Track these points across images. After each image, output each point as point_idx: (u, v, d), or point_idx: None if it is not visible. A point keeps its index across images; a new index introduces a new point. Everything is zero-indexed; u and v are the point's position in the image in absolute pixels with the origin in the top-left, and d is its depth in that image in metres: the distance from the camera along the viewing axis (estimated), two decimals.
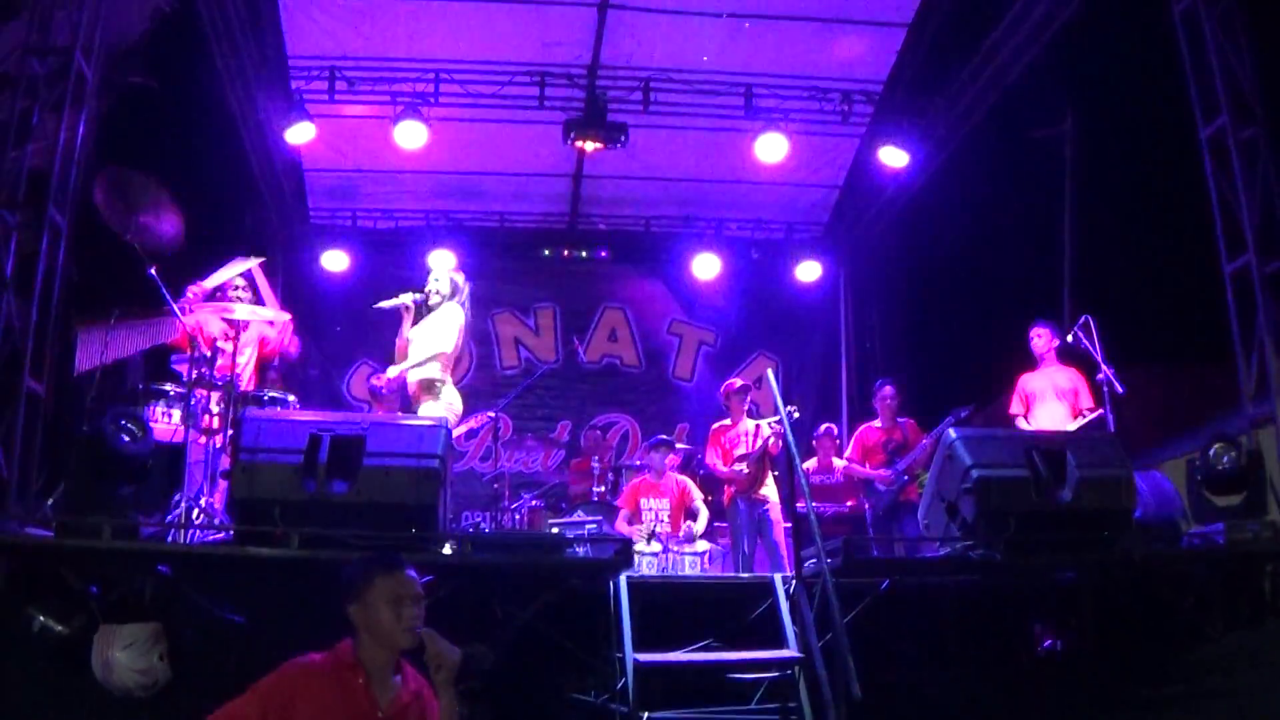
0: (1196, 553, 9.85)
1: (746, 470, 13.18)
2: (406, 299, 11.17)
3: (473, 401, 15.95)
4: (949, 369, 18.91)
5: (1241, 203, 11.18)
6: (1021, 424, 13.01)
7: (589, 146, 15.87)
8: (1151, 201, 18.13)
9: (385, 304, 11.30)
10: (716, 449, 13.58)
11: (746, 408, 13.86)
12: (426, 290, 11.33)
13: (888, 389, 14.52)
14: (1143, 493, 10.01)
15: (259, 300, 12.75)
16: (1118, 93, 17.99)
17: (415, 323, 11.22)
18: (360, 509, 8.51)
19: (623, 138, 15.77)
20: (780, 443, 13.05)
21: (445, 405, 10.76)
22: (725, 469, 13.35)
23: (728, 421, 13.82)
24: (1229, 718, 8.54)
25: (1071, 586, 9.49)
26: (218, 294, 11.57)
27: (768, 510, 13.13)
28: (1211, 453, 10.45)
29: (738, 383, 14.10)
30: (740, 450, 13.45)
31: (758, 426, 13.62)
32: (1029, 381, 13.27)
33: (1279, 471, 10.29)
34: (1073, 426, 12.54)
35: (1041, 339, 13.27)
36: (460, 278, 11.41)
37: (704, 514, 13.58)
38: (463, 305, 11.36)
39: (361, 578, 5.51)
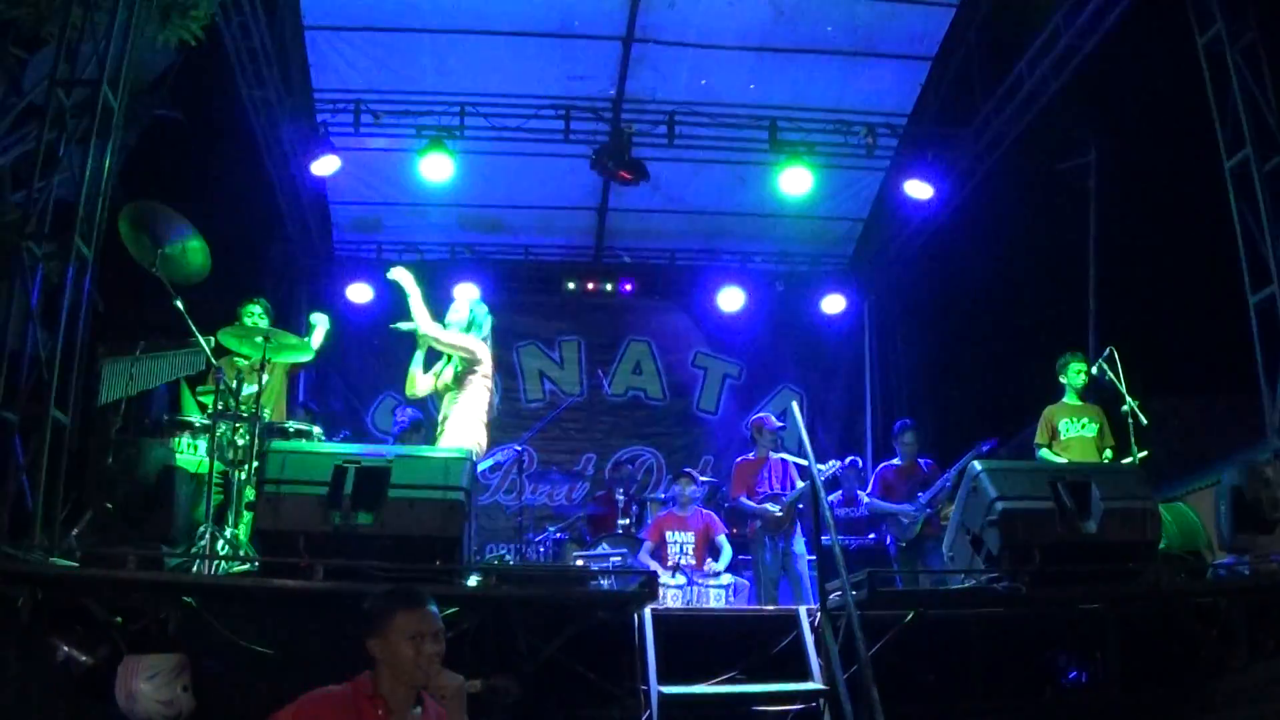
0: (1221, 584, 9.82)
1: (779, 513, 13.13)
2: (411, 286, 11.06)
3: (497, 434, 15.95)
4: (974, 401, 18.90)
5: (1266, 234, 11.18)
6: (1045, 454, 12.95)
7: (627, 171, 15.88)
8: (1176, 233, 18.12)
9: (400, 325, 11.25)
10: (742, 484, 13.53)
11: (775, 445, 13.80)
12: (445, 321, 11.22)
13: (908, 431, 14.46)
14: (1167, 524, 10.00)
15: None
16: (1142, 125, 17.99)
17: (430, 363, 11.15)
18: (385, 541, 8.51)
19: (645, 178, 15.81)
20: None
21: (460, 439, 10.55)
22: (753, 504, 13.31)
23: (753, 457, 13.78)
24: None
25: (1096, 618, 9.44)
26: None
27: (793, 543, 13.10)
28: (1236, 484, 10.41)
29: (774, 420, 14.02)
30: (765, 487, 13.42)
31: (784, 463, 13.58)
32: (1055, 414, 13.21)
33: None
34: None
35: (1079, 374, 13.20)
36: (482, 310, 11.29)
37: (727, 551, 13.54)
38: (484, 339, 11.23)
39: (383, 612, 5.50)
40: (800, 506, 13.17)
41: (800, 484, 13.06)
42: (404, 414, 14.55)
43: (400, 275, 11.29)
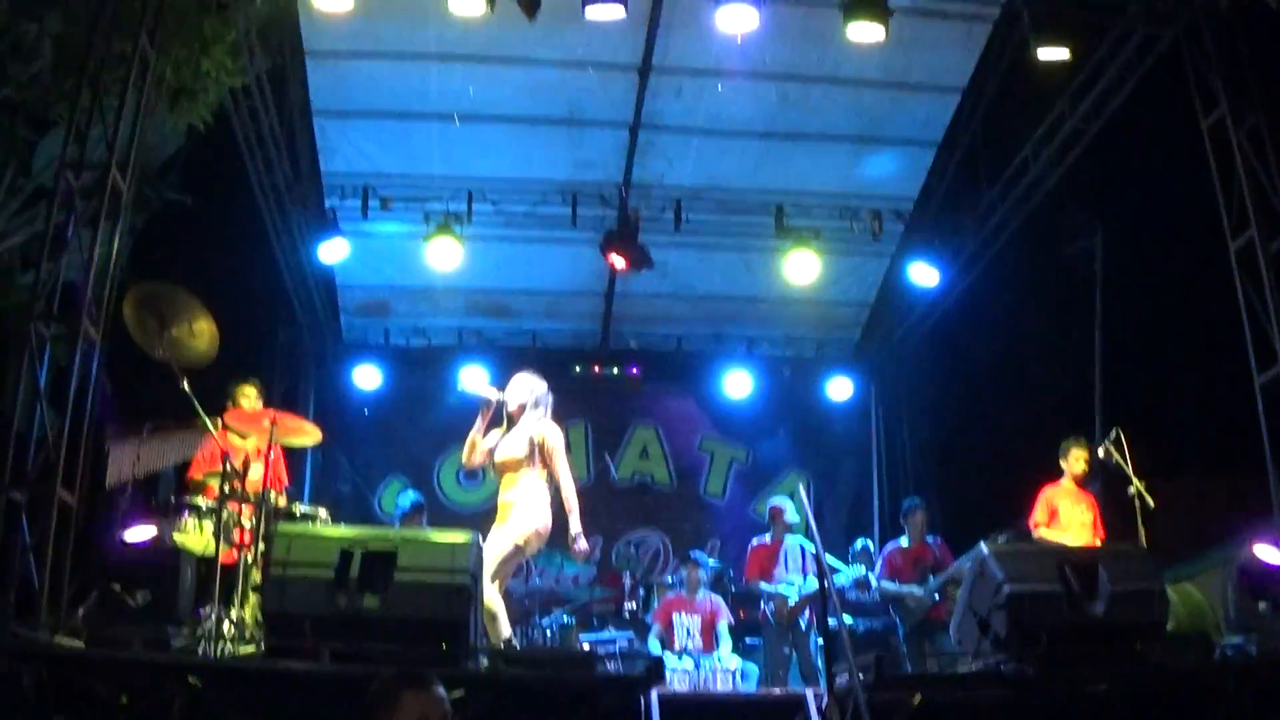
0: (1229, 664, 9.78)
1: (792, 602, 13.13)
2: (492, 393, 10.85)
3: None
4: (980, 484, 18.89)
5: (1271, 315, 11.20)
6: (1043, 533, 12.91)
7: (618, 265, 15.94)
8: (1182, 314, 18.18)
9: (469, 388, 11.09)
10: (758, 567, 13.53)
11: (788, 531, 13.81)
12: (509, 407, 10.80)
13: (917, 510, 14.44)
14: (1174, 605, 9.97)
15: None
16: (1147, 208, 18.09)
17: (488, 429, 10.97)
18: (391, 624, 8.48)
19: (649, 266, 15.89)
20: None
21: (521, 529, 10.40)
22: (770, 587, 13.30)
23: (769, 539, 13.80)
24: None
25: (1104, 699, 9.39)
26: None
27: (806, 628, 13.09)
28: (1247, 564, 10.40)
29: (791, 512, 14.01)
30: (780, 571, 13.45)
31: (801, 549, 13.60)
32: (1055, 496, 13.18)
33: None
34: None
35: (1080, 460, 13.19)
36: (542, 388, 11.02)
37: (728, 640, 13.52)
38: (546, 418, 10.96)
39: (390, 693, 5.46)
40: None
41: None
42: (405, 498, 14.54)
43: (472, 384, 11.14)
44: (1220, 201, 11.89)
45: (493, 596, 10.05)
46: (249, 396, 11.96)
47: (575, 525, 10.64)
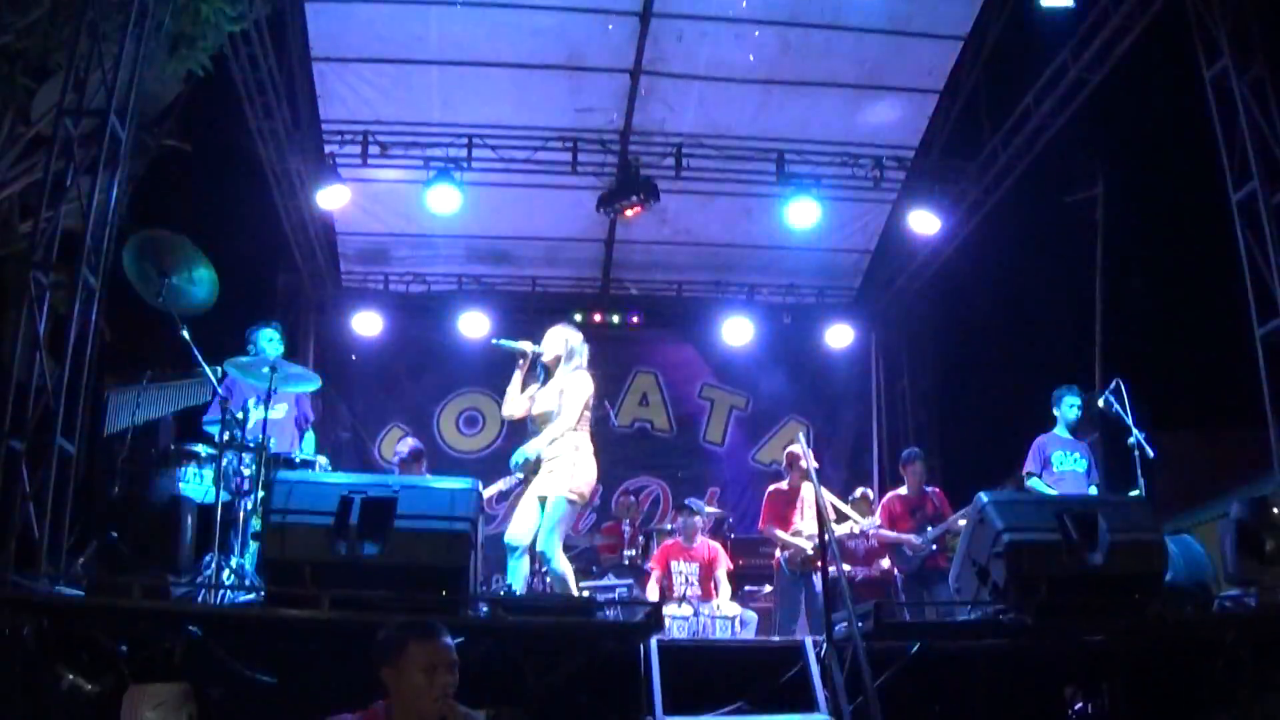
0: (1227, 616, 9.79)
1: (811, 551, 13.12)
2: (527, 346, 10.79)
3: (503, 465, 15.93)
4: (980, 433, 18.92)
5: (1272, 266, 11.16)
6: (1036, 484, 12.91)
7: (629, 213, 15.91)
8: (1183, 265, 18.16)
9: (506, 343, 11.00)
10: (774, 513, 13.49)
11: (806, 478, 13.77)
12: (543, 359, 10.72)
13: (916, 460, 14.43)
14: (1174, 556, 9.97)
15: None
16: (1149, 157, 18.04)
17: (526, 384, 10.89)
18: (391, 571, 8.47)
19: (656, 199, 15.84)
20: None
21: (568, 484, 10.19)
22: (785, 535, 13.29)
23: (785, 486, 13.77)
24: None
25: (1102, 650, 9.41)
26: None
27: (815, 577, 13.10)
28: (1241, 517, 10.40)
29: (812, 459, 13.97)
30: (798, 519, 13.43)
31: (819, 498, 13.62)
32: (1048, 444, 13.17)
33: None
34: None
35: (1073, 408, 13.18)
36: (577, 338, 10.96)
37: (726, 587, 13.53)
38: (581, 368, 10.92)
39: (397, 642, 5.49)
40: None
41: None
42: (404, 445, 14.51)
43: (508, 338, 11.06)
44: (1222, 152, 11.84)
45: (562, 560, 10.16)
46: (271, 340, 11.95)
47: None
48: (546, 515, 10.01)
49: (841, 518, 13.74)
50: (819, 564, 13.15)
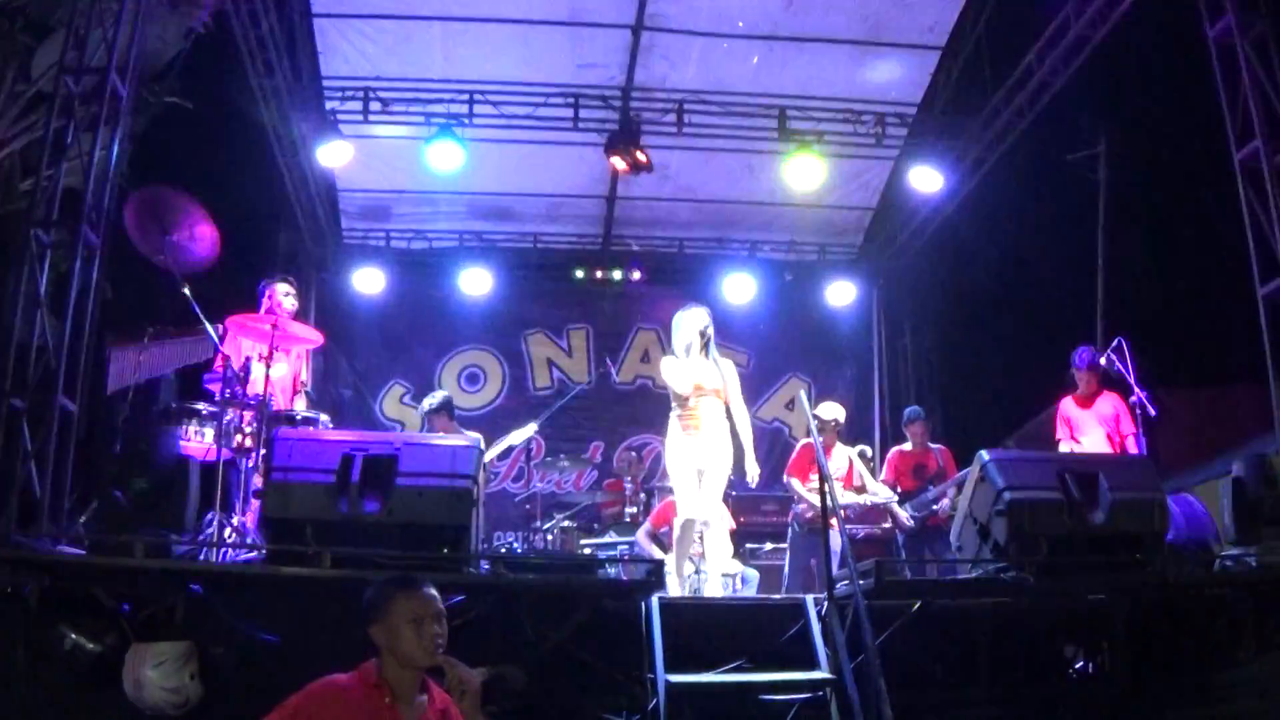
0: (1228, 575, 9.80)
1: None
2: None
3: (505, 422, 15.96)
4: (982, 390, 18.91)
5: (1275, 225, 11.12)
6: (1065, 448, 12.90)
7: (629, 162, 15.87)
8: (1185, 224, 18.13)
9: None
10: (799, 466, 13.46)
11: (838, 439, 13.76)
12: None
13: (918, 419, 14.43)
14: (1175, 515, 9.97)
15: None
16: (1151, 116, 18.00)
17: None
18: (392, 529, 8.49)
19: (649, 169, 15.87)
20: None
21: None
22: (801, 488, 13.27)
23: (821, 441, 13.82)
24: None
25: (1103, 609, 9.43)
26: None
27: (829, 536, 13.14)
28: (1241, 476, 10.39)
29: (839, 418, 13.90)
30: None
31: (851, 462, 13.63)
32: (1068, 407, 13.16)
33: None
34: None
35: (1083, 382, 13.13)
36: (675, 321, 11.51)
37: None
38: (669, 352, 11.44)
39: (382, 598, 5.54)
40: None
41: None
42: (435, 396, 14.43)
43: None
44: (1225, 111, 11.80)
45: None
46: (288, 295, 11.95)
47: None
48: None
49: (860, 490, 13.72)
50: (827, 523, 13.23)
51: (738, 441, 11.19)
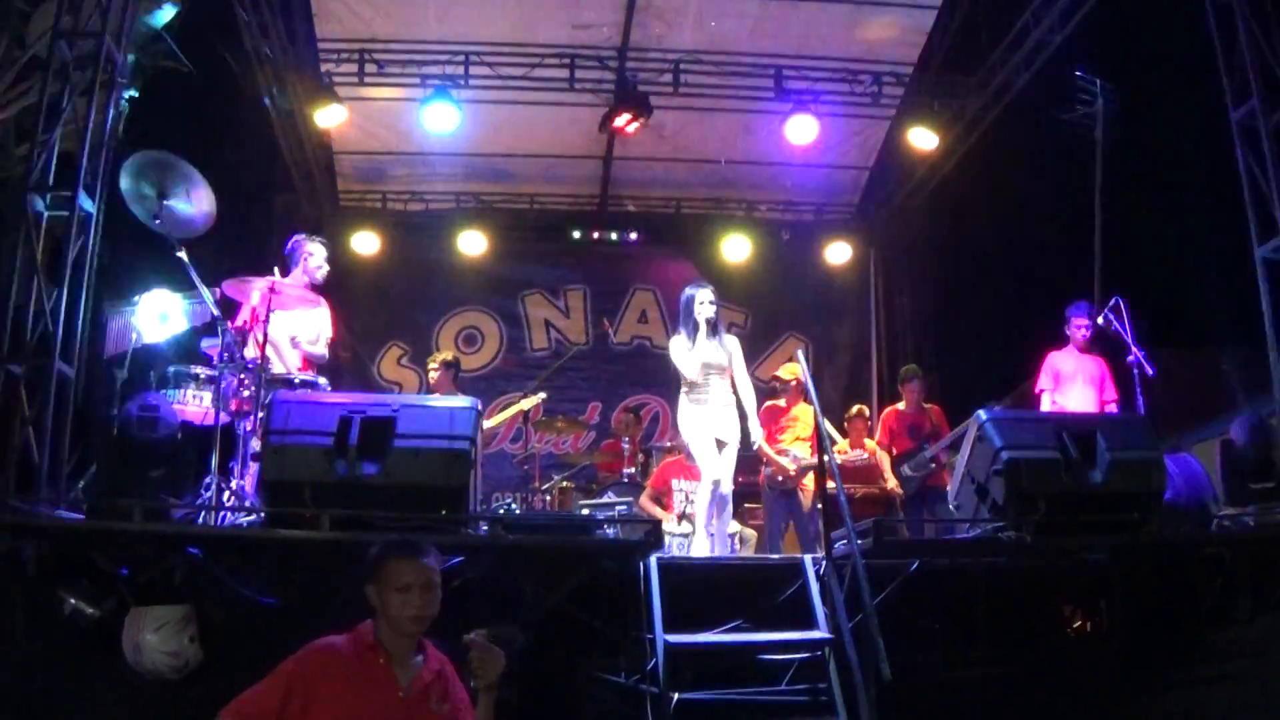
0: (1225, 535, 9.82)
1: (794, 471, 13.18)
2: None
3: (502, 384, 15.97)
4: (979, 350, 18.91)
5: (1272, 185, 11.10)
6: (1047, 400, 12.92)
7: (629, 127, 15.85)
8: (1183, 184, 18.09)
9: None
10: (766, 430, 13.49)
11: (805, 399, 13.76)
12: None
13: (914, 378, 14.44)
14: (1173, 475, 9.97)
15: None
16: (1149, 75, 17.93)
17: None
18: (391, 491, 8.49)
19: (648, 113, 15.79)
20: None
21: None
22: (770, 451, 13.28)
23: (782, 403, 13.82)
24: (1257, 699, 8.53)
25: (1101, 568, 9.45)
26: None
27: (801, 494, 13.13)
28: (1243, 436, 10.41)
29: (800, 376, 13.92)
30: (786, 438, 13.49)
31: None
32: (1059, 360, 13.16)
33: None
34: None
35: (1082, 327, 13.12)
36: (683, 301, 11.68)
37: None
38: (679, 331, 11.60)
39: (378, 560, 5.58)
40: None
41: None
42: (436, 357, 14.51)
43: None
44: (1222, 70, 11.77)
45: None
46: (315, 259, 12.08)
47: None
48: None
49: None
50: (803, 484, 13.24)
51: (743, 410, 11.28)
